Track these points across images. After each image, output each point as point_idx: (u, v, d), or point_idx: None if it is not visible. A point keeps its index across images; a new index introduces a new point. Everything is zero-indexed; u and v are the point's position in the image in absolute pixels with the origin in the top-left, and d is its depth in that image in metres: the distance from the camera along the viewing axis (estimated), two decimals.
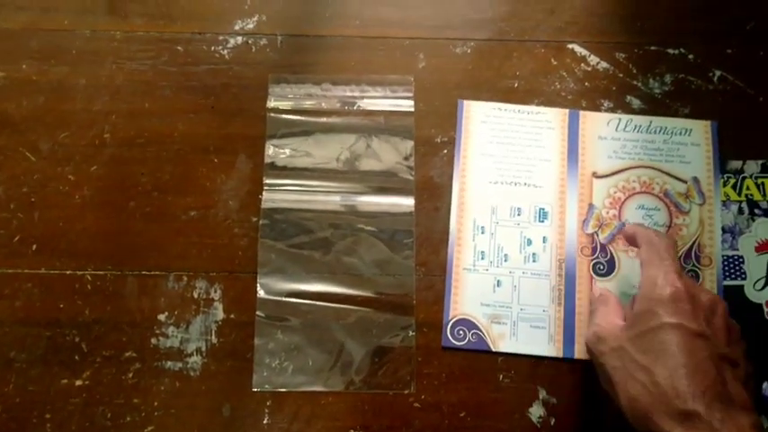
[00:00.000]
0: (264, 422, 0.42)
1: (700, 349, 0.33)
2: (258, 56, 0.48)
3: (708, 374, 0.32)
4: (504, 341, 0.43)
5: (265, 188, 0.45)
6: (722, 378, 0.33)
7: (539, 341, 0.43)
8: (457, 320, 0.44)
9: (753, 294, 0.44)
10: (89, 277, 0.44)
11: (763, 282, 0.44)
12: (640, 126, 0.46)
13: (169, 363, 0.43)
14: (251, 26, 0.48)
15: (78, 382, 0.43)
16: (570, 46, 0.49)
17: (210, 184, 0.46)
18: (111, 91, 0.47)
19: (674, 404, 0.32)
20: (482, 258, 0.44)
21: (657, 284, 0.35)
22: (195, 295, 0.44)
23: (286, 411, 0.43)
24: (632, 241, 0.40)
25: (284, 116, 0.47)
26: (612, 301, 0.40)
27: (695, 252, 0.44)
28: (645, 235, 0.39)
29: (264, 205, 0.45)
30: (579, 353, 0.43)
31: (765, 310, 0.44)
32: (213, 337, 0.43)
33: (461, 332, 0.43)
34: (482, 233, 0.45)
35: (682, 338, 0.33)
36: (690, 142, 0.46)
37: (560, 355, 0.43)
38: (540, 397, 0.43)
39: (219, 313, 0.44)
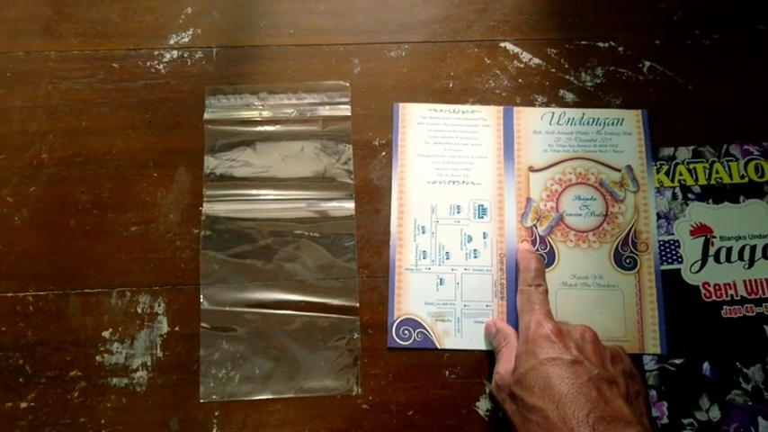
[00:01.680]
0: None
1: (577, 375, 0.35)
2: (194, 69, 0.48)
3: (588, 397, 0.34)
4: (450, 338, 0.44)
5: (205, 199, 0.46)
6: (603, 397, 0.35)
7: (483, 336, 0.44)
8: (402, 320, 0.44)
9: (690, 277, 0.45)
10: (30, 298, 0.44)
11: (698, 264, 0.45)
12: (573, 119, 0.47)
13: (115, 379, 0.43)
14: (186, 40, 0.49)
15: (23, 405, 0.42)
16: (503, 44, 0.50)
17: (151, 198, 0.46)
18: (47, 111, 0.47)
19: None
20: (424, 258, 0.45)
21: (530, 328, 0.39)
22: (139, 310, 0.44)
23: (234, 421, 0.43)
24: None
25: (222, 127, 0.47)
26: (513, 340, 0.41)
27: (632, 238, 0.45)
28: (522, 280, 0.43)
29: (205, 217, 0.45)
30: None
31: (702, 291, 0.45)
32: (158, 350, 0.43)
33: (407, 332, 0.44)
34: (423, 233, 0.45)
35: (559, 369, 0.36)
36: (622, 132, 0.47)
37: None
38: (487, 390, 0.43)
39: (164, 327, 0.44)
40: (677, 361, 0.43)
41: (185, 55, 0.49)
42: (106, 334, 0.43)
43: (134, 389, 0.43)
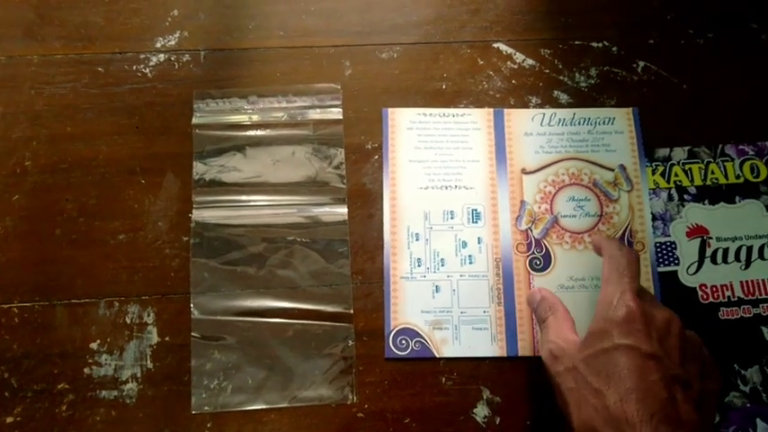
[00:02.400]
0: None
1: (651, 371, 0.33)
2: (181, 72, 0.47)
3: (657, 397, 0.32)
4: (448, 346, 0.43)
5: (195, 206, 0.45)
6: (672, 400, 0.33)
7: (482, 343, 0.43)
8: (398, 330, 0.43)
9: (686, 279, 0.45)
10: (16, 310, 0.43)
11: (695, 266, 0.45)
12: (564, 119, 0.47)
13: (104, 392, 0.42)
14: (173, 43, 0.48)
15: (9, 420, 0.41)
16: (496, 45, 0.49)
17: (138, 205, 0.45)
18: (30, 117, 0.46)
19: (622, 430, 0.32)
20: (419, 265, 0.44)
21: (613, 304, 0.35)
22: (128, 320, 0.43)
23: None
24: (599, 252, 0.41)
25: (211, 132, 0.46)
26: (561, 310, 0.40)
27: (627, 239, 0.45)
28: (608, 248, 0.39)
29: (194, 224, 0.44)
30: (522, 350, 0.43)
31: (700, 293, 0.44)
32: (148, 361, 0.42)
33: (404, 342, 0.43)
34: (416, 240, 0.45)
35: (633, 360, 0.33)
36: (613, 131, 0.47)
37: (504, 354, 0.43)
38: (484, 397, 0.43)
39: (154, 337, 0.43)
40: None
41: (172, 58, 0.48)
42: (94, 345, 0.42)
43: (124, 401, 0.42)
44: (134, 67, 0.47)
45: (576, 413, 0.35)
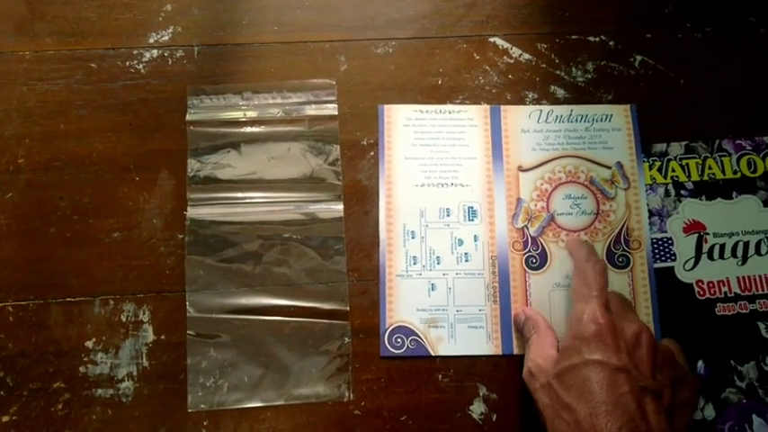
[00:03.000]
0: None
1: (620, 384, 0.34)
2: (175, 68, 0.47)
3: (626, 409, 0.33)
4: (443, 344, 0.43)
5: (190, 203, 0.44)
6: (642, 412, 0.33)
7: (477, 341, 0.43)
8: (394, 328, 0.43)
9: (683, 275, 0.44)
10: (11, 308, 0.43)
11: (692, 262, 0.45)
12: (561, 116, 0.46)
13: (100, 390, 0.42)
14: (166, 38, 0.47)
15: (5, 419, 0.41)
16: (492, 39, 0.49)
17: (133, 203, 0.45)
18: (23, 114, 0.46)
19: None
20: (414, 263, 0.44)
21: (582, 321, 0.36)
22: (123, 319, 0.43)
23: (224, 430, 0.42)
24: (571, 255, 0.42)
25: (205, 129, 0.46)
26: (543, 328, 0.40)
27: (624, 236, 0.45)
28: (577, 258, 0.41)
29: (189, 221, 0.44)
30: (518, 348, 0.43)
31: (696, 289, 0.44)
32: (144, 360, 0.42)
33: (399, 340, 0.43)
34: (412, 238, 0.44)
35: (602, 374, 0.34)
36: (611, 128, 0.46)
37: (500, 352, 0.43)
38: (481, 394, 0.43)
39: (149, 335, 0.43)
40: None
41: (166, 54, 0.47)
42: (90, 344, 0.42)
43: (120, 400, 0.42)
44: (127, 63, 0.47)
45: (551, 429, 0.36)
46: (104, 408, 0.42)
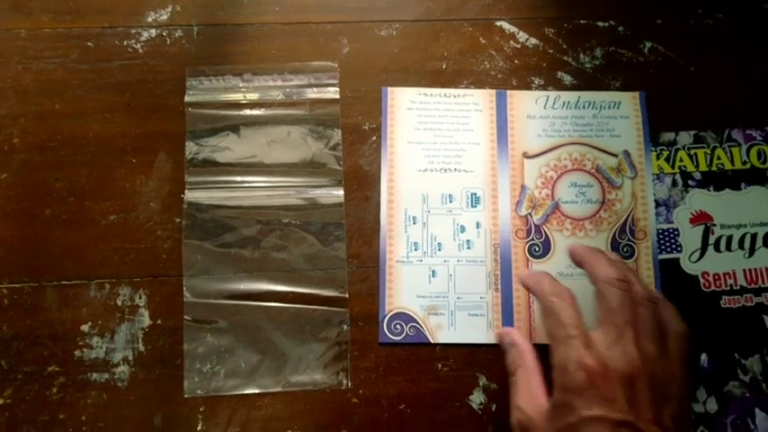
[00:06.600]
0: (198, 429, 0.41)
1: None
2: (174, 48, 0.46)
3: None
4: (443, 332, 0.42)
5: (187, 187, 0.44)
6: None
7: (478, 329, 0.43)
8: (393, 315, 0.42)
9: (689, 266, 0.44)
10: (5, 291, 0.42)
11: (698, 253, 0.44)
12: (568, 102, 0.45)
13: (95, 374, 0.41)
14: (165, 17, 0.46)
15: (0, 401, 0.41)
16: (498, 23, 0.48)
17: (130, 185, 0.44)
18: (18, 93, 0.45)
19: None
20: (415, 249, 0.43)
21: (569, 370, 0.32)
22: (119, 303, 0.42)
23: (220, 416, 0.41)
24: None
25: (204, 111, 0.45)
26: (530, 362, 0.36)
27: (629, 226, 0.44)
28: (541, 295, 0.36)
29: (187, 205, 0.43)
30: None
31: (702, 281, 0.43)
32: (140, 344, 0.42)
33: (398, 326, 0.42)
34: (414, 223, 0.44)
35: None
36: (619, 115, 0.45)
37: None
38: (481, 383, 0.42)
39: (146, 320, 0.42)
40: None
41: (164, 33, 0.46)
42: (85, 327, 0.42)
43: (115, 384, 0.41)
44: (125, 43, 0.46)
45: None
46: (100, 392, 0.41)
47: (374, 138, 0.45)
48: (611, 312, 0.33)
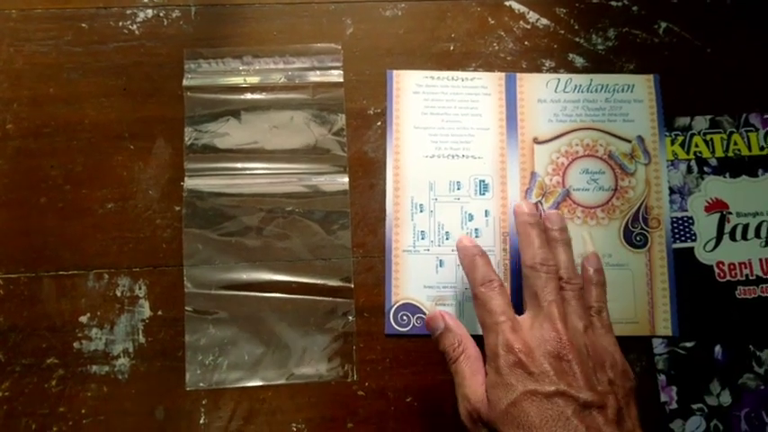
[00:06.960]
0: (201, 422, 0.40)
1: (560, 410, 0.32)
2: (171, 30, 0.44)
3: None
4: None
5: (187, 174, 0.42)
6: (594, 429, 0.31)
7: None
8: (400, 306, 0.41)
9: (703, 256, 0.42)
10: (1, 281, 0.41)
11: (713, 242, 0.43)
12: (580, 85, 0.44)
13: (95, 367, 0.40)
14: None
15: None
16: (508, 3, 0.46)
17: (127, 173, 0.42)
18: (10, 77, 0.43)
19: None
20: (422, 238, 0.42)
21: (500, 354, 0.34)
22: (118, 293, 0.41)
23: (223, 409, 0.40)
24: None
25: (203, 95, 0.43)
26: (472, 348, 0.36)
27: (643, 215, 0.43)
28: (472, 283, 0.37)
29: (187, 192, 0.42)
30: None
31: (716, 271, 0.42)
32: (140, 336, 0.41)
33: (405, 318, 0.41)
34: (420, 212, 0.42)
35: (539, 405, 0.32)
36: (632, 99, 0.44)
37: None
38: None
39: (146, 311, 0.41)
40: (688, 344, 0.41)
41: (161, 14, 0.44)
42: (84, 319, 0.41)
43: (116, 377, 0.40)
44: (120, 24, 0.44)
45: None
46: (100, 385, 0.40)
47: (379, 123, 0.44)
48: (536, 296, 0.36)
